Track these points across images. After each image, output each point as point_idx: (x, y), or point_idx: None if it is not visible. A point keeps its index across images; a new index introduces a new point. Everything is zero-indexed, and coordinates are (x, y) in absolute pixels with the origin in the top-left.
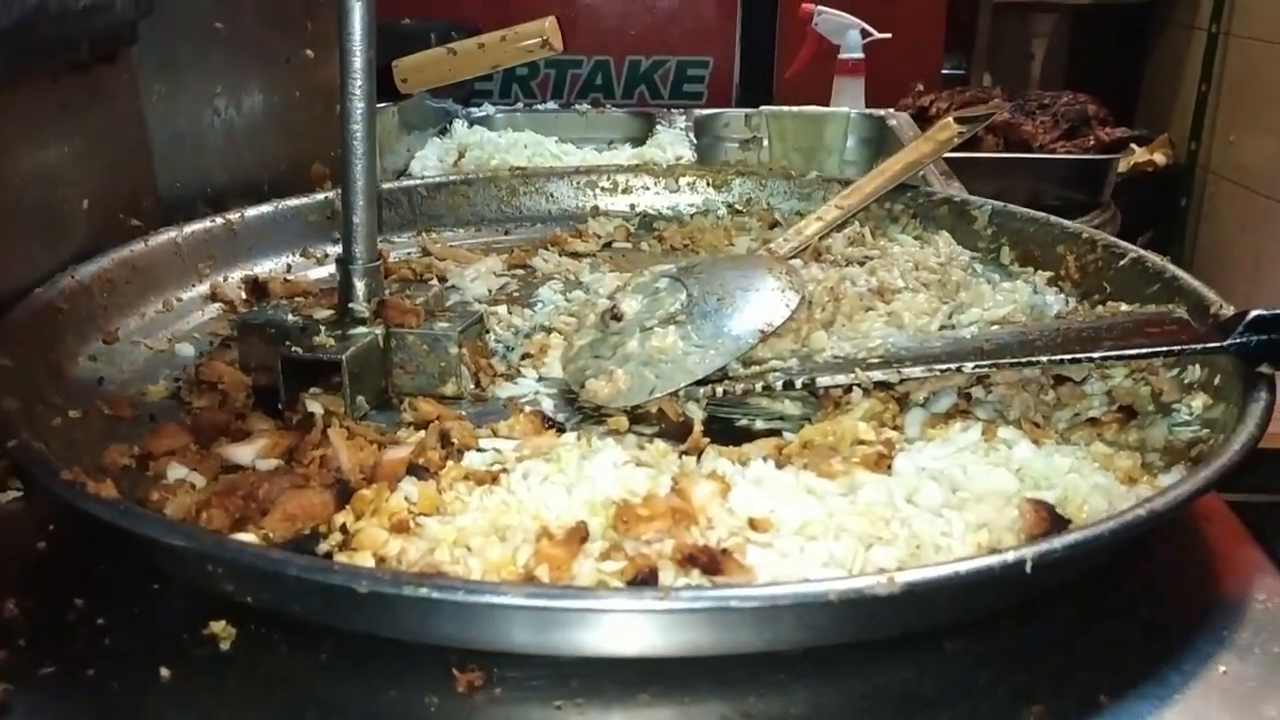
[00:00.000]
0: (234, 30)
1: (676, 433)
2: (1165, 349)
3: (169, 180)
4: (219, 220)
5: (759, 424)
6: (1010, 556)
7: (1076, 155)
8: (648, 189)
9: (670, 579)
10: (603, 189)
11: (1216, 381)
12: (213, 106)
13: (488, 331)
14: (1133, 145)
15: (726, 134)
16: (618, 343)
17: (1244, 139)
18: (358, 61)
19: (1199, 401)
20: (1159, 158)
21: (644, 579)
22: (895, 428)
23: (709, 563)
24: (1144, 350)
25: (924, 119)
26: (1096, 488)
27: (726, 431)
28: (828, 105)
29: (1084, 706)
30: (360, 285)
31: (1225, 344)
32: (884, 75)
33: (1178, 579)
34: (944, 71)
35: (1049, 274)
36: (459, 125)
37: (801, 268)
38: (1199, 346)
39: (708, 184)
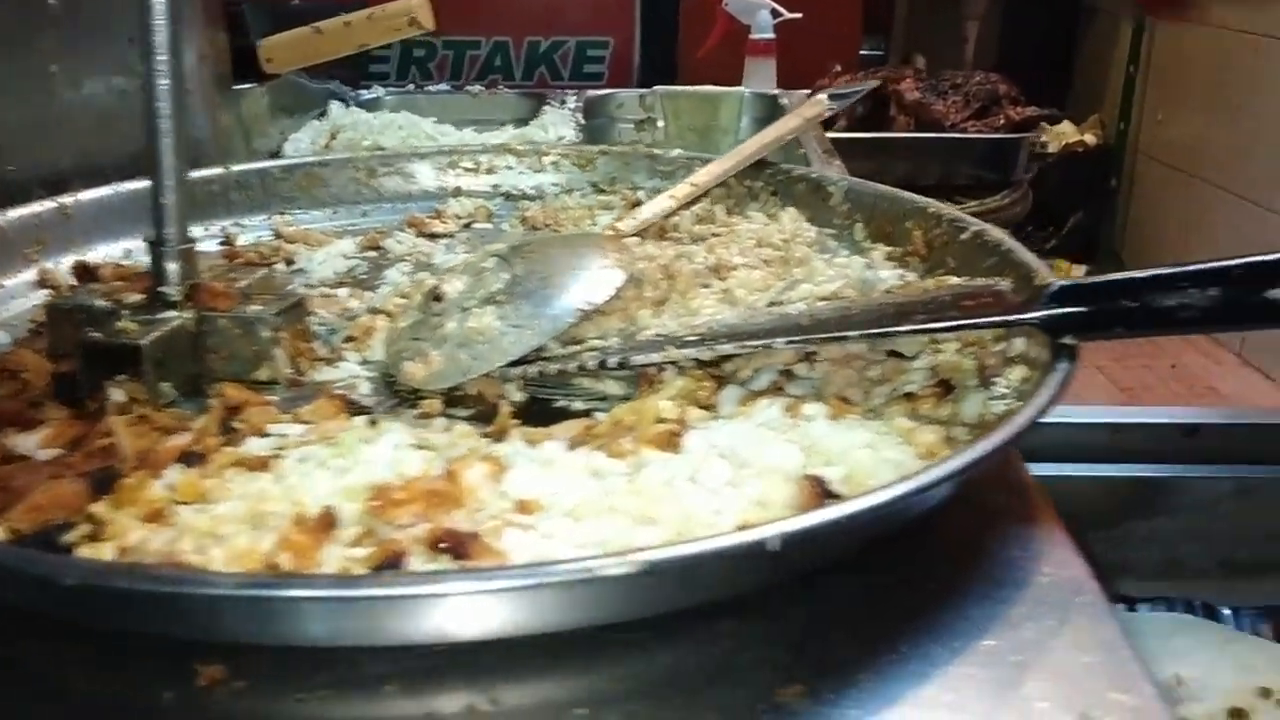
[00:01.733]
0: (70, 8)
1: (495, 415)
2: (970, 322)
3: (1, 164)
4: (50, 204)
5: (578, 404)
6: (751, 535)
7: (986, 135)
8: (511, 169)
9: (421, 563)
10: (465, 169)
11: (1034, 354)
12: (48, 88)
13: (311, 314)
14: (1044, 124)
15: (620, 115)
16: (437, 324)
17: (1171, 119)
18: (159, 36)
19: (1017, 374)
20: (1089, 138)
21: (388, 564)
22: (708, 406)
23: (455, 546)
24: (952, 324)
25: None
26: (888, 462)
27: (545, 413)
28: (740, 86)
29: (842, 685)
30: (172, 268)
31: (1026, 316)
32: (801, 56)
33: (968, 552)
34: (862, 53)
35: (900, 249)
36: (335, 107)
37: (637, 245)
38: (999, 319)
39: (572, 163)
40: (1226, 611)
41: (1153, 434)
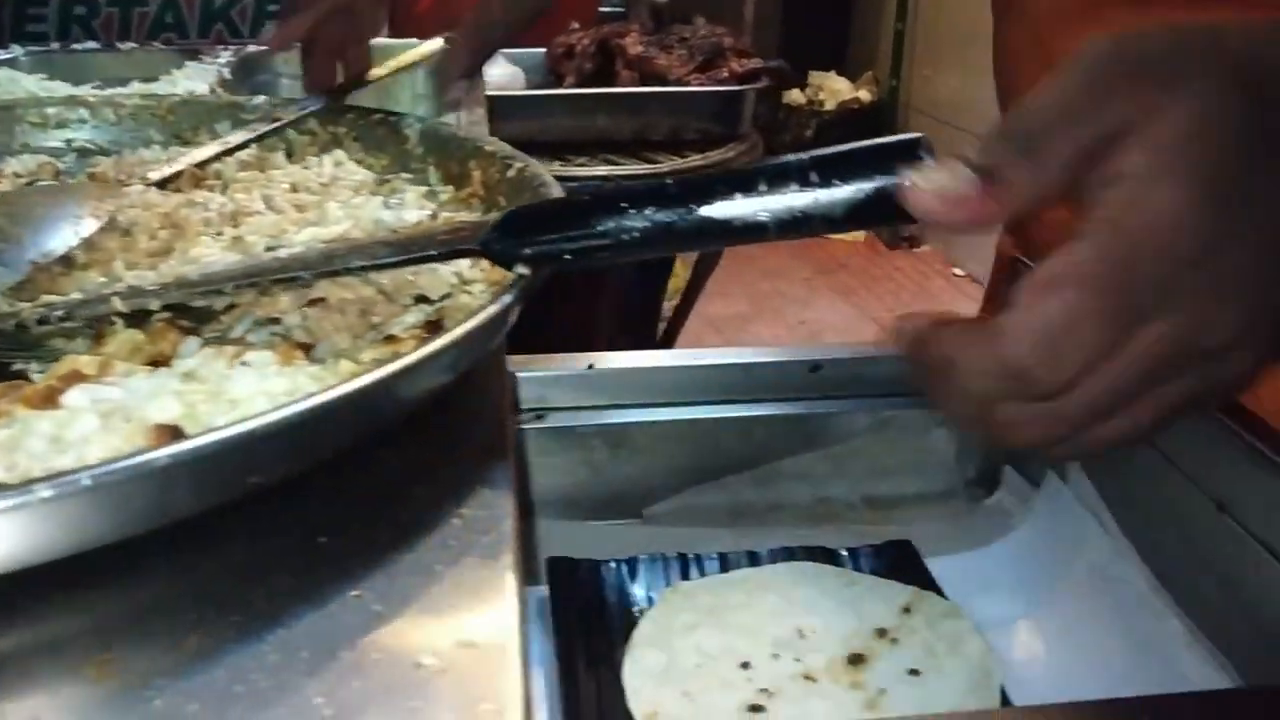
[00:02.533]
0: None
1: None
2: (407, 257)
3: None
4: None
5: (35, 366)
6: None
7: (710, 88)
8: (85, 122)
9: None
10: (31, 123)
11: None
12: None
13: None
14: (764, 77)
15: (288, 71)
16: None
17: (936, 75)
18: None
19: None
20: (864, 95)
21: None
22: (162, 360)
23: None
24: (405, 257)
25: (570, 57)
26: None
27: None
28: None
29: (160, 654)
30: None
31: (466, 246)
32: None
33: (390, 499)
34: (603, 10)
35: (466, 190)
36: None
37: (140, 193)
38: (435, 253)
39: (151, 115)
40: (844, 553)
41: (781, 371)
